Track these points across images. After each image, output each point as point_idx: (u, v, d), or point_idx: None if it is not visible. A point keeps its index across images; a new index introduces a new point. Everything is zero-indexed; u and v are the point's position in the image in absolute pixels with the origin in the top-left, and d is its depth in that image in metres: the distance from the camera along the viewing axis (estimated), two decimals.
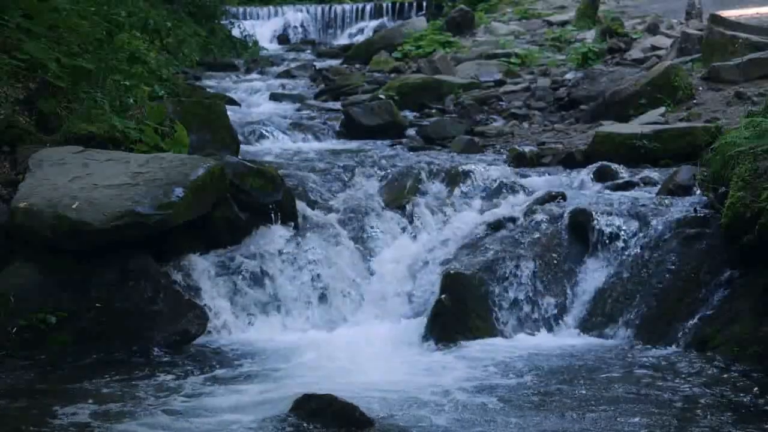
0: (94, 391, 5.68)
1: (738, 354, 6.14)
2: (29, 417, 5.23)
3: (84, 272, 6.66)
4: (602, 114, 11.44)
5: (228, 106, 11.00)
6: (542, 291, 7.12)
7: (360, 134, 11.46)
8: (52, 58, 8.13)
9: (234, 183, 7.50)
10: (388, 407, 5.34)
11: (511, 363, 6.21)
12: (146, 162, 7.28)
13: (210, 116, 9.22)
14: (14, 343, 6.34)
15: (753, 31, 13.45)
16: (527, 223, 7.60)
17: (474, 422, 5.19)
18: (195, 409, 5.38)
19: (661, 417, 5.23)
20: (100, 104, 8.24)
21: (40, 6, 8.65)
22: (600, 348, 6.56)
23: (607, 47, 16.18)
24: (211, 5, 21.62)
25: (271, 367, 6.21)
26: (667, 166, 8.78)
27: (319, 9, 26.71)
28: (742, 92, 11.14)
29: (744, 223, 6.48)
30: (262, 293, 7.22)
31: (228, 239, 7.44)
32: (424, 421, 5.19)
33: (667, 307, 6.77)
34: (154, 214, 6.70)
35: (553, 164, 9.44)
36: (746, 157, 6.72)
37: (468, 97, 13.39)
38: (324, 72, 17.31)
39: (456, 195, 8.29)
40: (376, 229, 7.87)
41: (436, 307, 6.86)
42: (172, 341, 6.56)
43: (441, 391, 5.67)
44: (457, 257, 7.45)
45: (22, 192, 6.85)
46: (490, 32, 20.14)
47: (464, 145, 10.45)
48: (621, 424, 5.15)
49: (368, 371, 6.07)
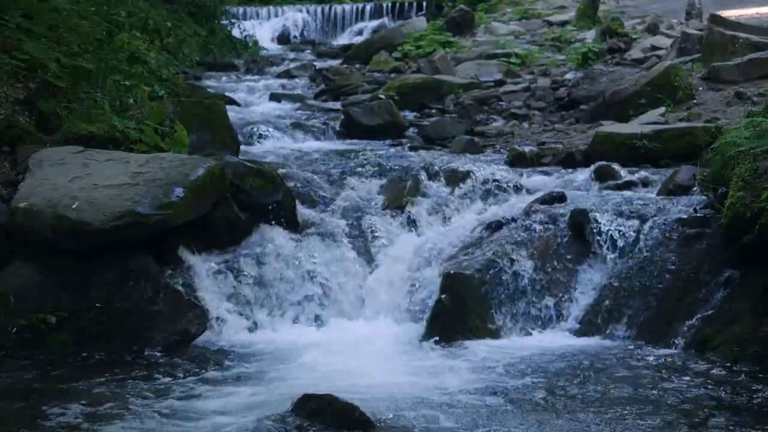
0: (94, 391, 5.68)
1: (738, 354, 6.14)
2: (29, 417, 5.22)
3: (84, 272, 6.66)
4: (602, 114, 11.45)
5: (228, 106, 11.00)
6: (542, 291, 7.12)
7: (360, 134, 11.46)
8: (52, 58, 8.13)
9: (234, 183, 7.50)
10: (388, 407, 5.34)
11: (511, 363, 6.21)
12: (146, 162, 7.28)
13: (210, 116, 9.22)
14: (14, 343, 6.34)
15: (753, 31, 13.46)
16: (527, 223, 7.60)
17: (474, 422, 5.19)
18: (195, 409, 5.38)
19: (661, 417, 5.23)
20: (100, 104, 8.24)
21: (40, 6, 8.65)
22: (600, 348, 6.56)
23: (607, 47, 16.19)
24: (211, 5, 21.63)
25: (270, 367, 6.21)
26: (667, 166, 8.78)
27: (319, 9, 26.72)
28: (742, 92, 11.14)
29: (744, 223, 6.48)
30: (262, 293, 7.22)
31: (228, 239, 7.44)
32: (423, 421, 5.19)
33: (667, 307, 6.77)
34: (154, 214, 6.70)
35: (553, 164, 9.45)
36: (746, 157, 6.72)
37: (468, 97, 13.40)
38: (324, 72, 17.32)
39: (456, 195, 8.29)
40: (376, 229, 7.87)
41: (436, 307, 6.86)
42: (171, 341, 6.56)
43: (441, 391, 5.68)
44: (457, 257, 7.45)
45: (22, 192, 6.85)
46: (490, 32, 20.16)
47: (464, 145, 10.45)
48: (621, 424, 5.15)
49: (368, 371, 6.06)
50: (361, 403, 5.16)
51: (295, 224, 7.74)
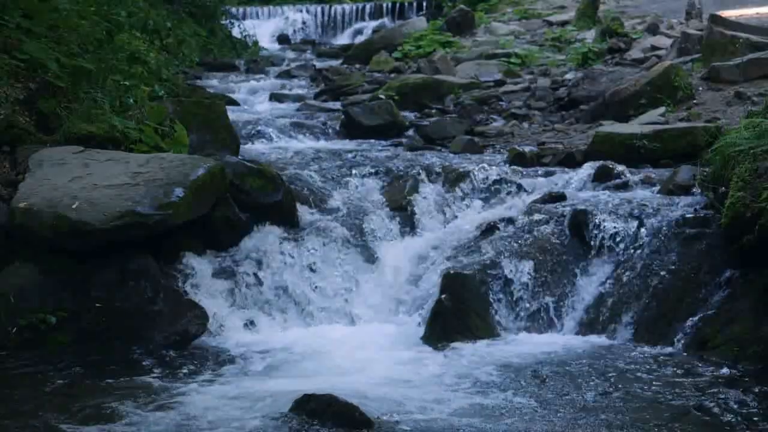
0: (94, 391, 5.68)
1: (738, 354, 6.14)
2: (29, 417, 5.23)
3: (84, 272, 6.66)
4: (602, 114, 11.44)
5: (228, 106, 10.98)
6: (542, 291, 7.12)
7: (360, 134, 11.45)
8: (52, 58, 8.13)
9: (234, 183, 7.51)
10: (388, 407, 5.34)
11: (511, 363, 6.22)
12: (146, 162, 7.29)
13: (210, 116, 9.22)
14: (14, 343, 6.34)
15: (753, 31, 13.45)
16: (527, 223, 7.60)
17: (474, 422, 5.19)
18: (195, 409, 5.37)
19: (661, 417, 5.23)
20: (100, 104, 8.24)
21: (40, 6, 8.65)
22: (600, 348, 6.56)
23: (607, 47, 16.19)
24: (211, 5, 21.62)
25: (270, 367, 6.22)
26: (667, 166, 8.78)
27: (319, 9, 26.74)
28: (742, 92, 11.13)
29: (744, 223, 6.48)
30: (261, 293, 7.23)
31: (228, 239, 7.44)
32: (423, 421, 5.19)
33: (667, 307, 6.77)
34: (154, 214, 6.71)
35: (553, 164, 9.43)
36: (746, 157, 6.73)
37: (468, 97, 13.39)
38: (324, 72, 17.31)
39: (456, 195, 8.30)
40: (376, 229, 7.88)
41: (436, 307, 6.86)
42: (171, 341, 6.56)
43: (441, 391, 5.68)
44: (457, 257, 7.46)
45: (22, 192, 6.86)
46: (490, 32, 20.16)
47: (464, 145, 10.44)
48: (621, 423, 5.15)
49: (368, 371, 6.07)
50: (361, 403, 5.16)
51: (294, 224, 7.74)
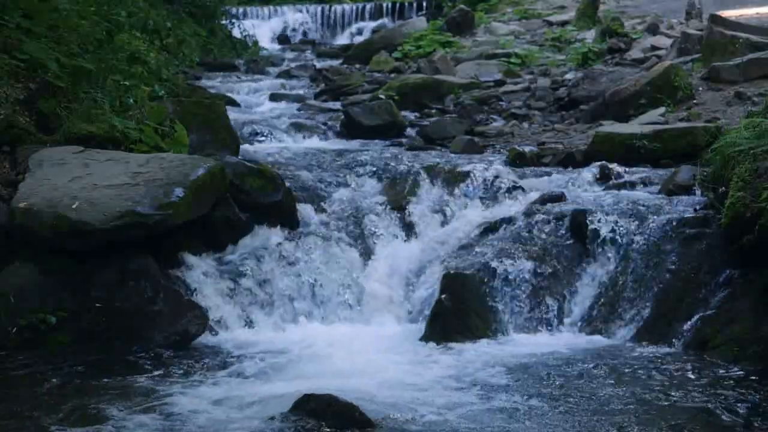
0: (93, 391, 5.68)
1: (738, 354, 6.14)
2: (28, 417, 5.22)
3: (84, 272, 6.66)
4: (602, 114, 11.44)
5: (228, 106, 10.99)
6: (542, 291, 7.12)
7: (360, 134, 11.45)
8: (52, 58, 8.12)
9: (234, 183, 7.51)
10: (388, 407, 5.34)
11: (511, 363, 6.21)
12: (146, 162, 7.29)
13: (210, 116, 9.22)
14: (14, 343, 6.34)
15: (753, 31, 13.44)
16: (527, 223, 7.60)
17: (474, 422, 5.18)
18: (194, 409, 5.37)
19: (661, 417, 5.23)
20: (100, 104, 8.24)
21: (40, 6, 8.65)
22: (600, 348, 6.56)
23: (607, 47, 16.18)
24: (211, 5, 21.61)
25: (270, 367, 6.21)
26: (667, 166, 8.78)
27: (319, 9, 26.73)
28: (742, 92, 11.13)
29: (744, 223, 6.48)
30: (261, 293, 7.22)
31: (228, 239, 7.44)
32: (423, 421, 5.19)
33: (667, 307, 6.77)
34: (154, 214, 6.70)
35: (553, 164, 9.44)
36: (746, 157, 6.73)
37: (468, 97, 13.39)
38: (324, 72, 17.31)
39: (456, 195, 8.29)
40: (376, 229, 7.88)
41: (436, 307, 6.86)
42: (172, 341, 6.56)
43: (441, 391, 5.68)
44: (457, 257, 7.46)
45: (22, 192, 6.86)
46: (490, 32, 20.15)
47: (464, 145, 10.44)
48: (620, 423, 5.14)
49: (368, 371, 6.07)
50: (361, 403, 5.16)
51: (294, 224, 7.74)
